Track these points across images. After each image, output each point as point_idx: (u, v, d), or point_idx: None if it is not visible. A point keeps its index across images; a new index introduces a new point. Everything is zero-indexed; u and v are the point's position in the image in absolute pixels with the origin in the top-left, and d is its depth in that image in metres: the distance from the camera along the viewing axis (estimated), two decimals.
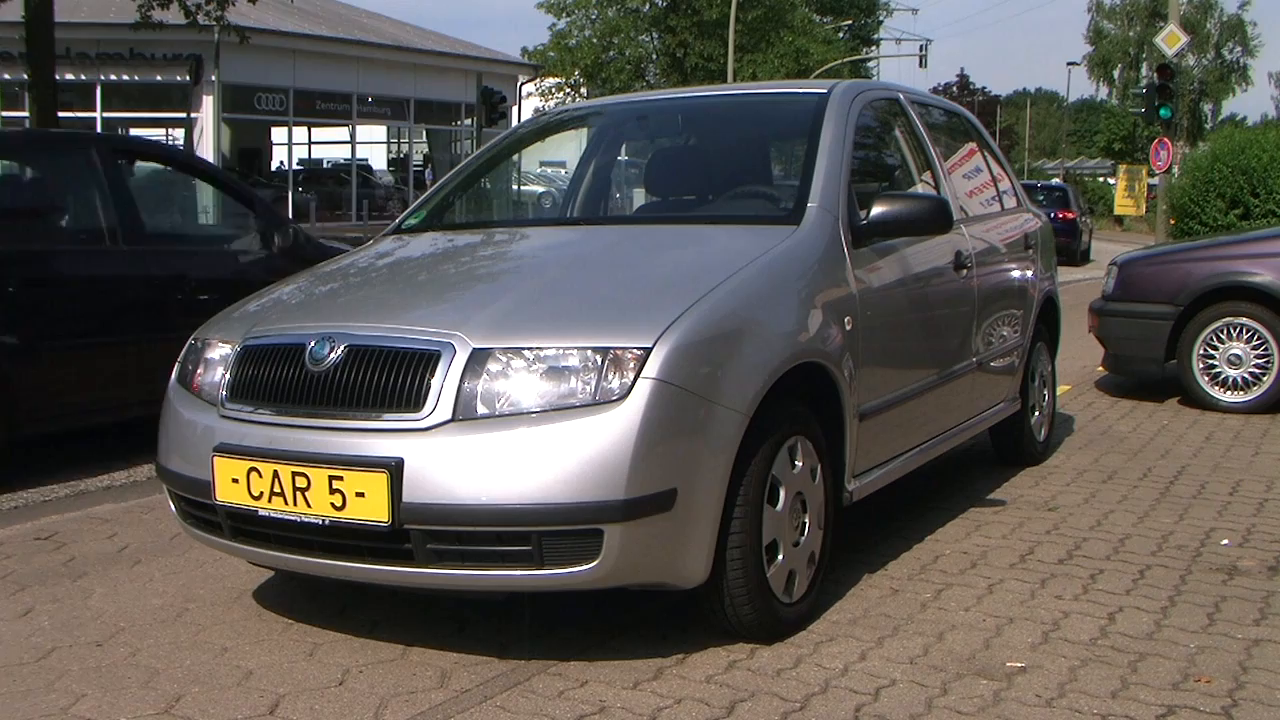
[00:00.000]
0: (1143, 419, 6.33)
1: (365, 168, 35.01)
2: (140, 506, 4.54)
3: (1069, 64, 60.53)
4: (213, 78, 27.02)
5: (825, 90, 4.07)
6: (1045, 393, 5.43)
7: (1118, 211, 39.62)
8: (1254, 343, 6.53)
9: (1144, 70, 54.46)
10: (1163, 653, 2.98)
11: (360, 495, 2.70)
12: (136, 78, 27.80)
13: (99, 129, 27.86)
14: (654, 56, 41.08)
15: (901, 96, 4.54)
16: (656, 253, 3.45)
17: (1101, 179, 53.34)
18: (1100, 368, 7.45)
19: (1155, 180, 23.71)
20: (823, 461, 3.26)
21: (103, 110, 27.84)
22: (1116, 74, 60.11)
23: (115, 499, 4.74)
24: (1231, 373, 6.58)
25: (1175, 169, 20.97)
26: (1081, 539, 4.00)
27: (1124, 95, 58.37)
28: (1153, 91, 20.47)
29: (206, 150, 27.49)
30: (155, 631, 3.20)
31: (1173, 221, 17.99)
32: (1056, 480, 4.91)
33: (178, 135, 28.62)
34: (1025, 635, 3.10)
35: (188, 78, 26.75)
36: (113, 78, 27.66)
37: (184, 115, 27.12)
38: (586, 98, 37.39)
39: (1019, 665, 2.90)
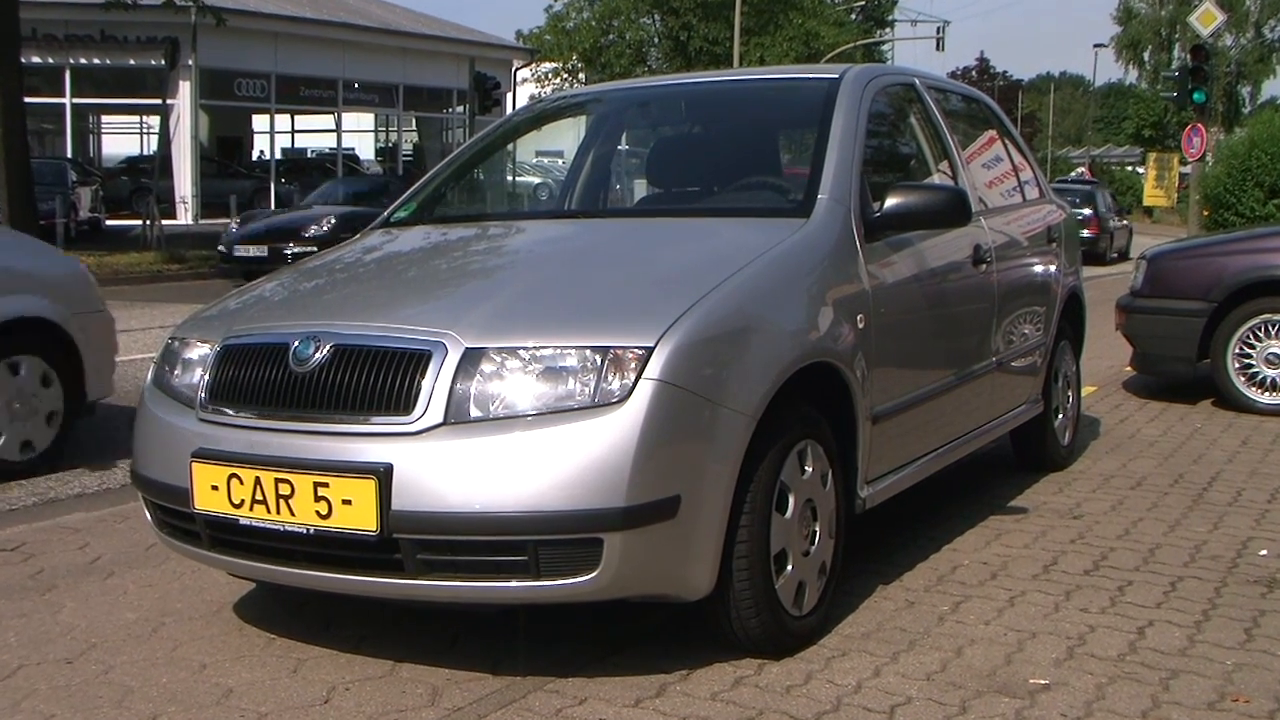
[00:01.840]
0: (1173, 422, 6.34)
1: (351, 157, 35.07)
2: (114, 515, 4.54)
3: (1096, 46, 60.48)
4: (189, 62, 27.01)
5: (837, 75, 4.08)
6: (1070, 394, 5.44)
7: (1147, 202, 39.64)
8: None
9: (1176, 52, 54.43)
10: (1197, 670, 2.98)
11: (347, 503, 2.71)
12: (108, 61, 27.82)
13: (68, 116, 27.91)
14: (656, 40, 41.08)
15: (917, 82, 4.55)
16: (658, 247, 3.45)
17: (1129, 168, 53.36)
18: (1128, 368, 7.45)
19: (1187, 169, 23.73)
20: (834, 467, 3.26)
21: (72, 96, 27.87)
22: (1147, 56, 60.00)
23: (87, 507, 4.74)
24: (1269, 372, 6.58)
25: (1209, 156, 20.98)
26: (1109, 549, 4.01)
27: (1155, 78, 58.20)
28: (1186, 74, 20.49)
29: (184, 139, 27.52)
30: (129, 648, 3.20)
31: (1206, 212, 18.00)
32: (1082, 486, 4.91)
33: (153, 123, 28.62)
34: (1049, 650, 3.11)
35: (163, 62, 26.64)
36: (83, 61, 27.68)
37: (159, 102, 27.06)
38: (585, 83, 37.41)
39: (1042, 682, 2.91)
